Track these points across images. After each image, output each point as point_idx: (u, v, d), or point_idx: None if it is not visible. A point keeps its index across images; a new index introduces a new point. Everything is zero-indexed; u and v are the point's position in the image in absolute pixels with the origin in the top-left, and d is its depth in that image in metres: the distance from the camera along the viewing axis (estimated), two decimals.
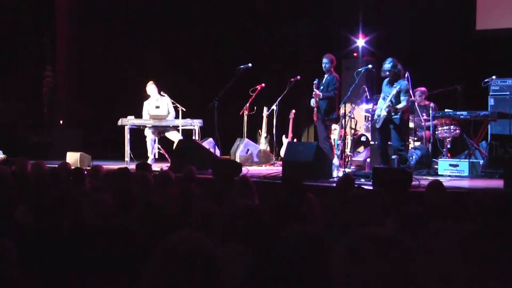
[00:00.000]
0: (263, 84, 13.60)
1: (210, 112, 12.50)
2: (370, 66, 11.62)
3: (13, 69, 17.36)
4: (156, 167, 10.77)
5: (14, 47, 17.13)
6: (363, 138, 13.00)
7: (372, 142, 11.55)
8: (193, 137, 12.81)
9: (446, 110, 11.60)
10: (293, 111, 13.77)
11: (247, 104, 13.52)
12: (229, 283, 2.23)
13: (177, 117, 12.83)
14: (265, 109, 13.86)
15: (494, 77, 11.28)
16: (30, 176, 7.64)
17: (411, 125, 11.69)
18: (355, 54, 14.84)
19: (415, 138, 11.85)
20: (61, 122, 16.99)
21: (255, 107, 13.68)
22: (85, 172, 8.07)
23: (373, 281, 1.85)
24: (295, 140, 13.74)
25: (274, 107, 13.52)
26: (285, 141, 13.36)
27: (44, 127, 16.86)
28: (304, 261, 2.99)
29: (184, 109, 12.67)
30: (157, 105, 12.98)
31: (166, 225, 4.62)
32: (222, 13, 16.69)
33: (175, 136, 12.79)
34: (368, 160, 11.57)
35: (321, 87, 11.14)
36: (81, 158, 12.74)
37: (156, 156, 13.00)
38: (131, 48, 16.69)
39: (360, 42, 14.79)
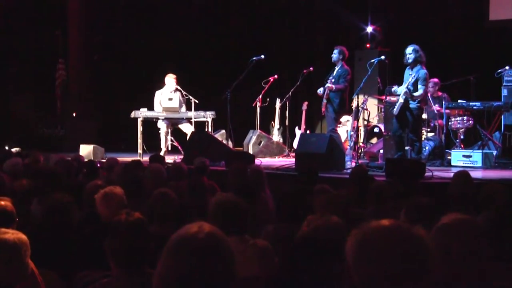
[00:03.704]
0: (275, 76, 13.57)
1: (222, 104, 12.49)
2: (383, 57, 11.53)
3: (26, 62, 17.43)
4: (169, 159, 10.81)
5: (27, 40, 17.19)
6: (376, 130, 12.97)
7: (385, 133, 11.52)
8: (206, 129, 12.80)
9: (459, 101, 11.56)
10: (306, 102, 13.75)
11: (260, 96, 13.49)
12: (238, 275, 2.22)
13: (189, 109, 12.80)
14: (277, 100, 13.84)
15: (507, 67, 11.19)
16: (42, 168, 7.65)
17: (424, 116, 11.65)
18: (367, 45, 14.78)
19: (428, 129, 11.80)
20: (74, 114, 17.03)
21: (267, 99, 13.65)
22: (98, 165, 8.10)
23: (384, 272, 1.85)
24: (308, 131, 13.72)
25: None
26: (298, 132, 13.34)
27: (57, 120, 16.91)
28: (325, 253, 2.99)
29: (196, 101, 12.63)
30: (170, 97, 12.93)
31: (178, 216, 4.63)
32: (235, 4, 16.67)
33: (187, 128, 12.77)
34: (381, 151, 11.54)
35: (332, 79, 11.08)
36: (94, 151, 12.78)
37: (169, 148, 12.99)
38: (143, 40, 16.71)
39: (372, 32, 14.74)
